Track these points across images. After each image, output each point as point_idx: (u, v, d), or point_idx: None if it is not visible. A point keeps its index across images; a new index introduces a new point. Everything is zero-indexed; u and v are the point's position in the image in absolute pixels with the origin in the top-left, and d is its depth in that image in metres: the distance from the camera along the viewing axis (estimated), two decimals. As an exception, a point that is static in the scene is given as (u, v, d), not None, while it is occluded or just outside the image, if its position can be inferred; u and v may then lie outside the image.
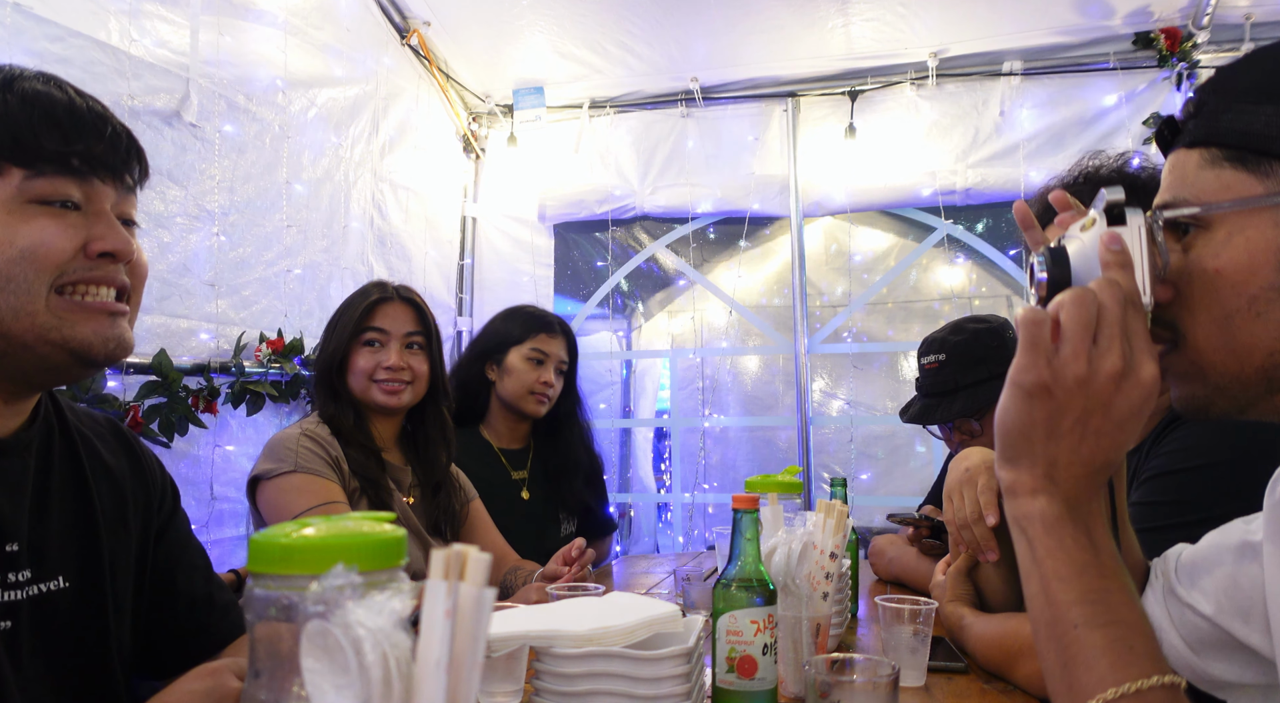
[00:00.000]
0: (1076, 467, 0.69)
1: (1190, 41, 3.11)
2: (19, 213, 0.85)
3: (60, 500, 0.95)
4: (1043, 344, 0.68)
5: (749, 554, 1.09)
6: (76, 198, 0.89)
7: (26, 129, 0.86)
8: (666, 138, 3.68)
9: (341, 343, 1.87)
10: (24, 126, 0.86)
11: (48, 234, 0.86)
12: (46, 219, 0.87)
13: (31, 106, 0.87)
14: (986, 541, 1.38)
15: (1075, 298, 0.68)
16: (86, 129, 0.90)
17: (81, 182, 0.89)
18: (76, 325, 0.88)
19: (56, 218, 0.87)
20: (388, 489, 1.84)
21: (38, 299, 0.86)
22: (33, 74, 0.91)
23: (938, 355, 2.00)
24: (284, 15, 2.66)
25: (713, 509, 3.72)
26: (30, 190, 0.86)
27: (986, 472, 1.41)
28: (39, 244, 0.85)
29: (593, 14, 3.24)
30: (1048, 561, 0.68)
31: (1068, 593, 0.67)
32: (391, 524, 0.54)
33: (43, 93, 0.88)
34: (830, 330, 3.62)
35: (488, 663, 1.06)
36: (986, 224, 3.49)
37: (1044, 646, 0.68)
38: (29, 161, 0.86)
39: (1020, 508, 0.71)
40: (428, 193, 3.57)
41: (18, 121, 0.86)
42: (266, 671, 0.49)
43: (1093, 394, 0.67)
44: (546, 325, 2.41)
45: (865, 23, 3.21)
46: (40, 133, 0.86)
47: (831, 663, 0.95)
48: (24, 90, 0.88)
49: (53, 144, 0.87)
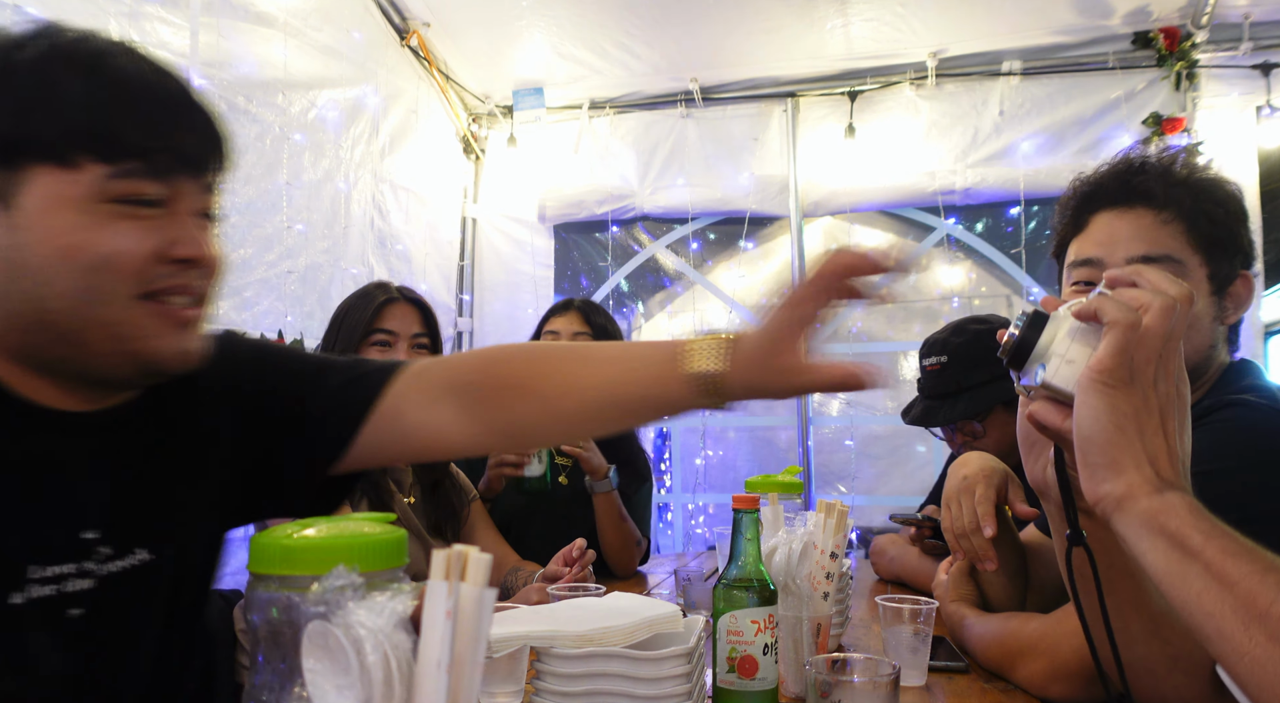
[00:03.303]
0: (1173, 461, 0.70)
1: (1189, 41, 3.11)
2: (97, 213, 0.77)
3: (149, 473, 0.90)
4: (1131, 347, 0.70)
5: (749, 554, 1.09)
6: (157, 196, 0.80)
7: (110, 119, 0.77)
8: (666, 138, 3.69)
9: (350, 344, 1.86)
10: (108, 116, 0.77)
11: (128, 240, 0.78)
12: (126, 223, 0.78)
13: (117, 92, 0.77)
14: (985, 550, 1.37)
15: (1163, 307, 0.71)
16: (174, 119, 0.81)
17: (164, 180, 0.80)
18: (154, 337, 0.82)
19: (135, 220, 0.79)
20: (388, 490, 1.84)
21: (121, 308, 0.79)
22: (117, 48, 0.80)
23: (939, 357, 2.00)
24: (284, 17, 2.66)
25: (713, 509, 3.72)
26: (110, 190, 0.77)
27: (984, 480, 1.40)
28: (119, 252, 0.78)
29: (593, 14, 3.24)
30: (1210, 545, 0.64)
31: (1248, 565, 0.62)
32: (392, 525, 0.54)
33: (129, 74, 0.79)
34: (830, 330, 3.62)
35: (488, 664, 1.06)
36: (986, 224, 3.49)
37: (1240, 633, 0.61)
38: (110, 157, 0.77)
39: (1146, 510, 0.67)
40: (428, 194, 3.57)
41: (101, 109, 0.76)
42: (268, 671, 0.49)
43: (1163, 392, 0.70)
44: (557, 308, 2.41)
45: (865, 23, 3.21)
46: (125, 125, 0.77)
47: (832, 663, 0.95)
48: (110, 70, 0.78)
49: (137, 138, 0.78)
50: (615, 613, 1.03)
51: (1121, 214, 1.24)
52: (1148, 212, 1.22)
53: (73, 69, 0.77)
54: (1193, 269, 1.20)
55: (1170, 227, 1.21)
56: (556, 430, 0.97)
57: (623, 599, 1.12)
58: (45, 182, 0.76)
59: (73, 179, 0.76)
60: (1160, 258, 1.19)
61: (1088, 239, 1.27)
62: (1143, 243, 1.21)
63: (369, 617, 0.45)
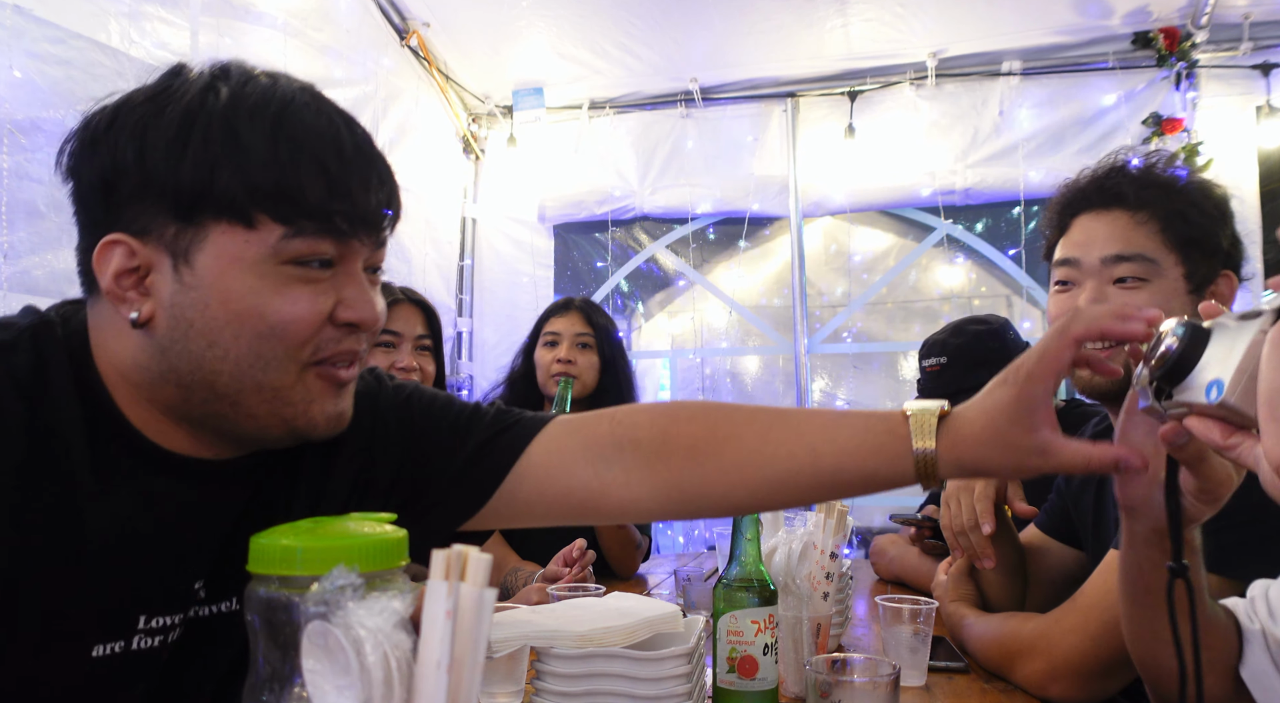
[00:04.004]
0: None
1: (1189, 41, 3.11)
2: (273, 277, 0.73)
3: (259, 522, 0.82)
4: None
5: (749, 554, 1.09)
6: (332, 256, 0.76)
7: (292, 179, 0.72)
8: (666, 138, 3.69)
9: None
10: (290, 174, 0.72)
11: (301, 307, 0.74)
12: (300, 287, 0.75)
13: (300, 150, 0.73)
14: (983, 548, 1.38)
15: None
16: (354, 177, 0.76)
17: (341, 241, 0.76)
18: (315, 403, 0.78)
19: (309, 283, 0.75)
20: (388, 490, 1.84)
21: (288, 376, 0.76)
22: (303, 96, 0.76)
23: (939, 358, 2.00)
24: (283, 17, 2.66)
25: (713, 510, 3.72)
26: (286, 251, 0.73)
27: (983, 478, 1.40)
28: (294, 320, 0.74)
29: (592, 15, 3.24)
30: None
31: None
32: (392, 525, 0.54)
33: (313, 131, 0.75)
34: (830, 331, 3.62)
35: (488, 664, 1.06)
36: (986, 224, 3.49)
37: None
38: (288, 218, 0.73)
39: None
40: (427, 194, 3.57)
41: (284, 169, 0.72)
42: (268, 671, 0.49)
43: None
44: (557, 307, 2.40)
45: (864, 23, 3.21)
46: (306, 184, 0.73)
47: (832, 663, 0.95)
48: (295, 127, 0.74)
49: (317, 198, 0.73)
50: (615, 613, 1.03)
51: (1099, 216, 1.26)
52: (1123, 213, 1.24)
53: (257, 121, 0.73)
54: (1168, 268, 1.21)
55: (1145, 227, 1.22)
56: (740, 500, 0.89)
57: (623, 599, 1.13)
58: (223, 240, 0.73)
59: (250, 238, 0.73)
60: (1133, 257, 1.21)
61: (1068, 241, 1.29)
62: (1117, 243, 1.23)
63: (369, 617, 0.45)
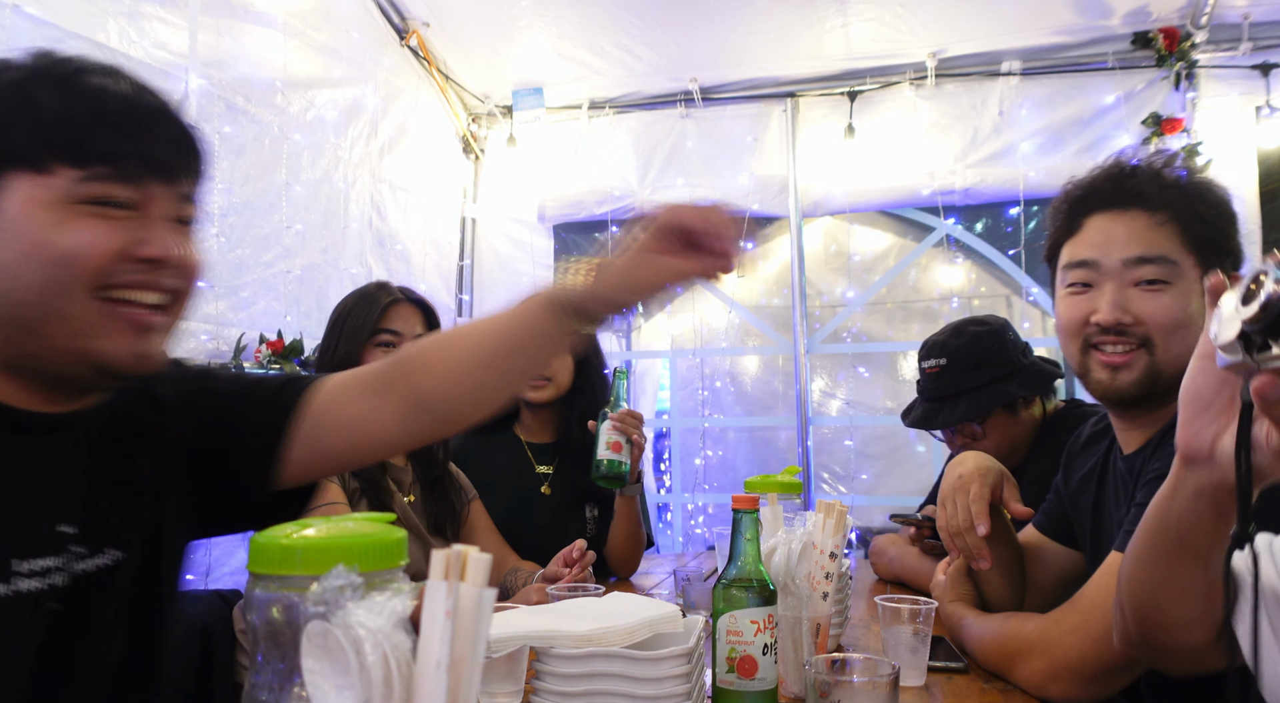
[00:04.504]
0: None
1: (1189, 41, 3.11)
2: (65, 213, 0.82)
3: (118, 476, 0.94)
4: None
5: (749, 554, 1.09)
6: (128, 199, 0.84)
7: (81, 128, 0.82)
8: (666, 138, 3.69)
9: (355, 345, 1.84)
10: (78, 126, 0.82)
11: (91, 236, 0.82)
12: (92, 220, 0.83)
13: (88, 103, 0.83)
14: (979, 549, 1.37)
15: None
16: (145, 128, 0.86)
17: (134, 184, 0.84)
18: (105, 337, 0.84)
19: (103, 219, 0.83)
20: (388, 490, 1.84)
21: (74, 303, 0.82)
22: (97, 67, 0.86)
23: (938, 360, 2.00)
24: (283, 16, 2.66)
25: (713, 509, 3.72)
26: (80, 192, 0.82)
27: (979, 479, 1.40)
28: (80, 247, 0.81)
29: (592, 14, 3.24)
30: None
31: None
32: (392, 525, 0.54)
33: (101, 89, 0.84)
34: (830, 330, 3.62)
35: (488, 664, 1.06)
36: (986, 224, 3.50)
37: None
38: (80, 161, 0.82)
39: None
40: (427, 194, 3.57)
41: (73, 120, 0.82)
42: (267, 671, 0.49)
43: None
44: None
45: (864, 23, 3.21)
46: (94, 133, 0.82)
47: (831, 663, 0.95)
48: (84, 86, 0.84)
49: (107, 145, 0.83)
50: (615, 613, 1.03)
51: (1116, 217, 1.24)
52: (1142, 214, 1.23)
53: (49, 85, 0.84)
54: (1186, 270, 1.20)
55: (1165, 228, 1.21)
56: (456, 389, 1.02)
57: (622, 599, 1.13)
58: (21, 186, 0.82)
59: (46, 183, 0.81)
60: (1156, 259, 1.20)
61: (1082, 241, 1.27)
62: (1138, 244, 1.21)
63: (368, 617, 0.45)
